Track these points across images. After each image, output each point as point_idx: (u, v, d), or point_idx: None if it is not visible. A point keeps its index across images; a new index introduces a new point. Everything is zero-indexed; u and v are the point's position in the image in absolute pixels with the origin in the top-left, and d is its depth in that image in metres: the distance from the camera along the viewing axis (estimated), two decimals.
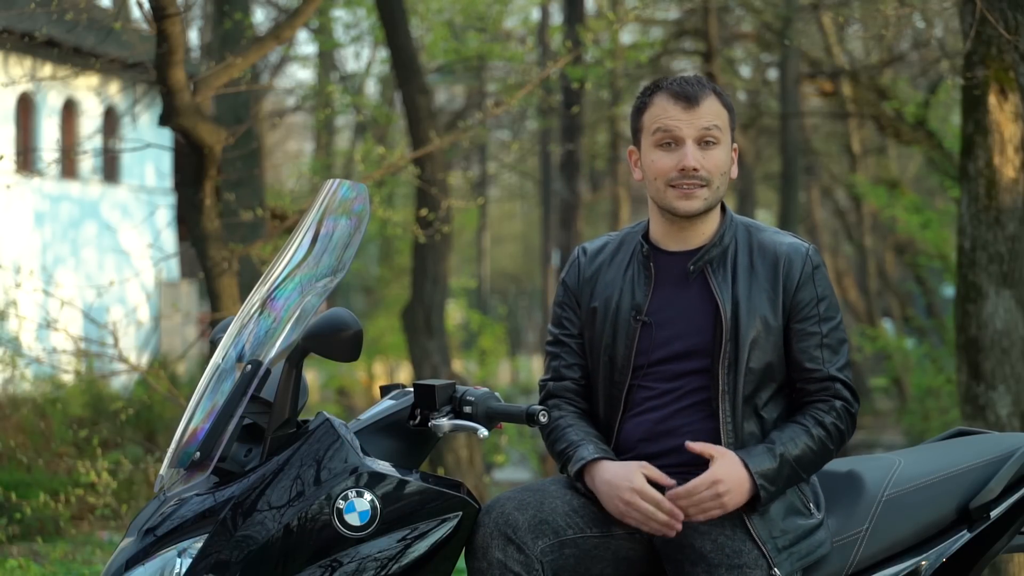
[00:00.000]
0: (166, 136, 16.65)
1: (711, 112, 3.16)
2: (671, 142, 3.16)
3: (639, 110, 3.23)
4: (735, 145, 3.26)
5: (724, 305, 3.13)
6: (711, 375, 3.14)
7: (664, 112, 3.17)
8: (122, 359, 6.97)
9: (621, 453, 3.20)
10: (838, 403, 3.16)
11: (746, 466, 3.05)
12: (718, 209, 3.24)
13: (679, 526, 3.04)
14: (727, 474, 3.03)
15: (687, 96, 3.16)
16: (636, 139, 3.24)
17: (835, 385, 3.16)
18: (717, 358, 3.13)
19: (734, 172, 3.25)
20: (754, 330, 3.13)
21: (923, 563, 3.23)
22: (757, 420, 3.15)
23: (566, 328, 3.30)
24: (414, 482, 2.99)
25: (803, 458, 3.10)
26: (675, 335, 3.17)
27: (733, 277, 3.16)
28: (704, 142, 3.16)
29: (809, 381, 3.17)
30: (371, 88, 24.46)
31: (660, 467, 3.17)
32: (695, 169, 3.14)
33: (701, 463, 3.12)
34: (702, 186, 3.15)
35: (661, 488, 3.08)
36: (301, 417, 3.10)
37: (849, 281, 23.16)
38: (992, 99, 5.84)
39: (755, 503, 3.06)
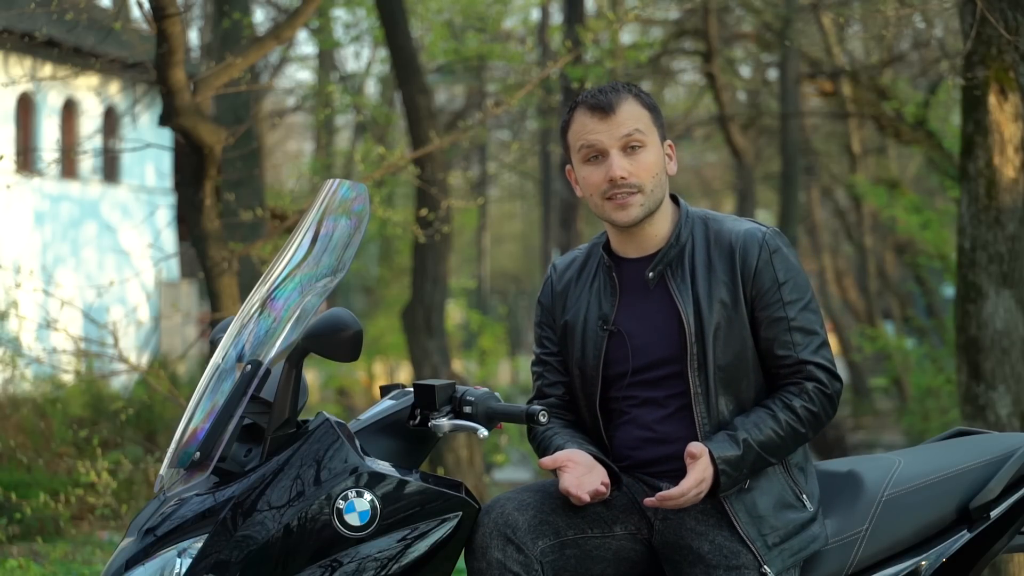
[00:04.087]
0: (166, 136, 16.65)
1: (630, 117, 3.15)
2: (596, 155, 3.16)
3: (563, 129, 3.23)
4: (668, 142, 3.23)
5: (685, 308, 3.12)
6: (683, 378, 3.14)
7: (583, 127, 3.16)
8: (122, 359, 6.97)
9: (616, 463, 3.21)
10: (810, 385, 3.12)
11: (711, 455, 3.04)
12: (669, 208, 3.23)
13: (585, 498, 3.02)
14: (704, 468, 3.03)
15: (602, 106, 3.14)
16: (568, 158, 3.24)
17: (807, 367, 3.12)
18: (686, 361, 3.13)
19: (672, 169, 3.23)
20: (717, 326, 3.12)
21: (923, 563, 3.22)
22: (736, 417, 3.14)
23: (546, 347, 3.32)
24: (414, 482, 2.99)
25: (768, 443, 3.08)
26: (645, 344, 3.17)
27: (692, 277, 3.15)
28: (628, 148, 3.14)
29: (781, 367, 3.15)
30: (371, 88, 24.47)
31: (654, 474, 3.19)
32: (623, 178, 3.12)
33: None
34: (635, 193, 3.14)
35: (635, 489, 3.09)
36: (301, 417, 3.10)
37: (849, 281, 23.16)
38: (992, 99, 5.84)
39: (716, 488, 3.05)
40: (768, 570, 3.05)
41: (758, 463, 3.08)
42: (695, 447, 3.04)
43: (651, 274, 3.18)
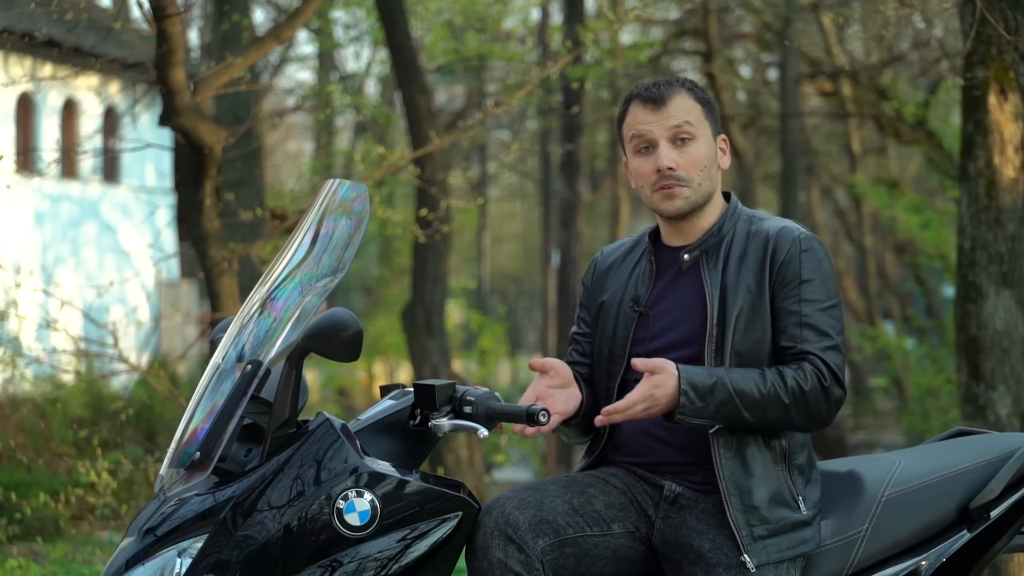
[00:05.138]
0: (166, 136, 16.65)
1: (681, 109, 3.19)
2: (647, 146, 3.21)
3: (619, 121, 3.29)
4: (723, 136, 3.27)
5: (711, 289, 3.14)
6: (699, 362, 3.13)
7: (636, 118, 3.22)
8: (122, 359, 6.97)
9: (620, 448, 3.23)
10: (809, 367, 3.09)
11: (679, 373, 3.02)
12: (719, 202, 3.26)
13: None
14: (661, 383, 3.00)
15: (654, 98, 3.20)
16: (623, 149, 3.30)
17: (810, 356, 3.10)
18: (703, 342, 3.14)
19: (724, 163, 3.26)
20: (740, 311, 3.12)
21: (923, 563, 3.22)
22: None
23: (580, 326, 3.38)
24: (414, 482, 2.99)
25: (747, 393, 3.03)
26: (668, 325, 3.20)
27: (724, 264, 3.17)
28: (679, 140, 3.18)
29: (785, 357, 3.13)
30: (371, 88, 24.48)
31: (656, 464, 3.19)
32: (671, 168, 3.16)
33: (699, 463, 3.13)
34: (682, 185, 3.17)
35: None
36: (301, 417, 3.10)
37: (849, 281, 23.15)
38: (992, 99, 5.85)
39: (674, 411, 3.01)
40: (747, 559, 3.03)
41: (728, 408, 3.03)
42: (653, 362, 3.01)
43: (686, 256, 3.21)
